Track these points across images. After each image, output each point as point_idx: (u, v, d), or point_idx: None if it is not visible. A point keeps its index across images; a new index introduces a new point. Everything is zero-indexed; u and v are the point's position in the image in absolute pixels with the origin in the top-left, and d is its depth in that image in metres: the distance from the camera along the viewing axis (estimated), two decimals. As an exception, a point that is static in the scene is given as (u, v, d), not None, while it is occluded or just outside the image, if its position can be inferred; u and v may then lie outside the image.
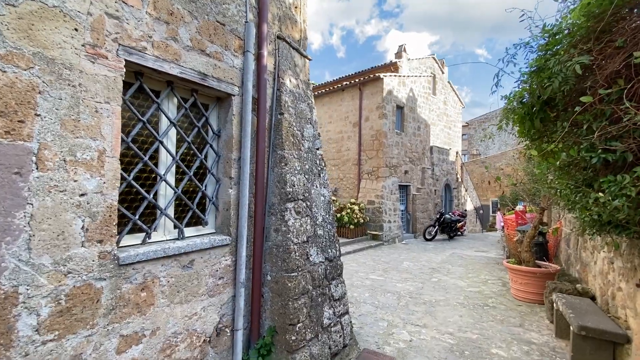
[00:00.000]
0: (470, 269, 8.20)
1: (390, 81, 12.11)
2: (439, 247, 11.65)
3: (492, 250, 11.32)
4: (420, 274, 7.46)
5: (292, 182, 3.08)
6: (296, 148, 3.27)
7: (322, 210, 3.51)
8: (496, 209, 23.54)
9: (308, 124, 3.54)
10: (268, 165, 3.12)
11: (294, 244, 2.96)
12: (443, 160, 15.77)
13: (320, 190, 3.55)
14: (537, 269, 5.51)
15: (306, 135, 3.47)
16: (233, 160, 2.80)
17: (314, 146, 3.60)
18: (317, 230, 3.34)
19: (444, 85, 17.25)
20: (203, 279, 2.54)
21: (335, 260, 3.56)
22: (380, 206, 11.37)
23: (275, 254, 2.99)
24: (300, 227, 3.09)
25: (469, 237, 15.58)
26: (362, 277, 6.93)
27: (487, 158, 24.76)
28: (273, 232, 3.04)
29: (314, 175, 3.49)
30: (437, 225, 12.86)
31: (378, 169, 11.76)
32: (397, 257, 9.30)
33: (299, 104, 3.45)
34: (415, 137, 13.72)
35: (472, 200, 19.13)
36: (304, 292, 2.99)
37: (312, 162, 3.49)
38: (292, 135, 3.24)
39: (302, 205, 3.19)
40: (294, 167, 3.17)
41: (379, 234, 11.10)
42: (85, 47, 1.85)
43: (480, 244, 12.95)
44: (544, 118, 2.74)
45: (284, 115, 3.18)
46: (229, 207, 2.80)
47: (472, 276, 7.41)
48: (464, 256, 9.93)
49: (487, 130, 30.82)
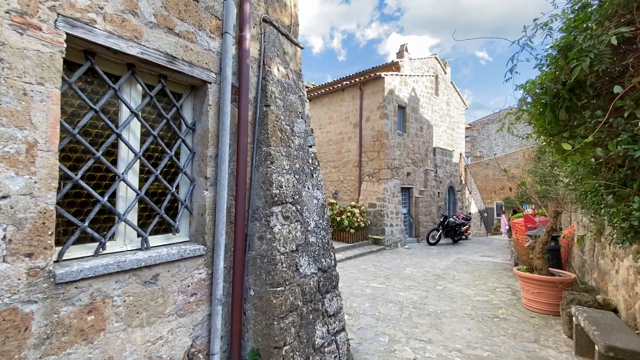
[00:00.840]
0: (476, 275, 7.77)
1: (392, 80, 11.75)
2: (443, 251, 11.22)
3: (499, 255, 10.87)
4: (424, 281, 7.05)
5: (279, 183, 2.71)
6: (284, 144, 2.90)
7: (315, 215, 3.13)
8: (501, 211, 23.04)
9: (299, 119, 3.17)
10: (252, 164, 2.75)
11: (280, 253, 2.58)
12: (446, 162, 15.36)
13: (313, 192, 3.17)
14: (551, 278, 5.09)
15: (297, 131, 3.10)
16: (209, 158, 2.43)
17: (305, 143, 3.22)
18: (308, 238, 2.96)
19: (446, 86, 16.88)
20: (170, 296, 2.16)
21: (329, 270, 3.17)
22: (382, 209, 10.97)
23: (259, 266, 2.61)
24: (288, 234, 2.71)
25: (473, 241, 15.12)
26: (362, 285, 6.53)
27: (492, 160, 24.31)
28: (257, 240, 2.66)
29: (306, 176, 3.11)
30: (440, 229, 12.44)
31: (379, 170, 11.38)
32: (399, 262, 8.89)
33: (289, 96, 3.08)
34: (417, 138, 13.33)
35: (476, 203, 18.68)
36: (292, 309, 2.61)
37: (303, 160, 3.12)
38: (280, 130, 2.87)
39: (291, 209, 2.82)
40: (282, 165, 2.80)
41: (381, 238, 10.69)
42: (10, 15, 1.49)
43: (486, 249, 12.50)
44: (570, 107, 2.35)
45: (271, 108, 2.81)
46: (204, 211, 2.42)
47: (479, 284, 6.98)
48: (470, 261, 9.49)
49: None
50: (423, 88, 14.02)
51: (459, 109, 17.93)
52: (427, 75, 14.26)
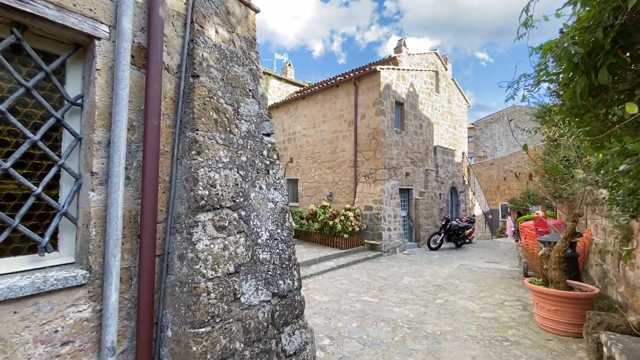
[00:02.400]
0: (482, 285, 6.98)
1: (388, 75, 11.02)
2: (445, 257, 10.42)
3: (506, 261, 10.05)
4: (423, 293, 6.27)
5: (209, 181, 1.98)
6: (222, 130, 2.17)
7: (270, 223, 2.39)
8: (506, 213, 22.17)
9: (248, 98, 2.45)
10: (173, 155, 2.02)
11: (206, 279, 1.85)
12: (448, 162, 14.57)
13: (268, 193, 2.44)
14: (571, 294, 4.31)
15: (244, 113, 2.38)
16: (96, 145, 1.71)
17: (259, 130, 2.50)
18: (257, 254, 2.23)
19: (447, 83, 16.13)
20: (19, 350, 1.43)
21: (290, 295, 2.43)
22: (379, 212, 10.20)
23: (178, 296, 1.87)
24: (222, 250, 1.98)
25: (478, 245, 14.29)
26: (352, 298, 5.76)
27: (496, 160, 23.47)
28: (177, 260, 1.93)
29: (258, 172, 2.38)
30: (442, 232, 11.64)
31: (376, 171, 10.62)
32: (396, 270, 8.11)
33: (232, 67, 2.36)
34: (417, 137, 12.57)
35: (480, 204, 17.85)
36: (225, 355, 1.87)
37: (254, 152, 2.39)
38: (215, 110, 2.15)
39: (230, 216, 2.08)
40: (216, 157, 2.07)
41: (378, 244, 9.92)
42: None
43: (491, 254, 11.67)
44: (614, 65, 1.62)
45: (200, 79, 2.09)
46: (88, 221, 1.70)
47: (485, 296, 6.19)
48: (474, 269, 8.69)
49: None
50: (422, 84, 13.28)
51: (461, 107, 17.15)
52: (427, 69, 13.52)
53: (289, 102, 14.24)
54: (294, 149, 13.97)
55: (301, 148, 13.58)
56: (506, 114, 29.21)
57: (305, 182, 13.34)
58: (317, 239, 10.04)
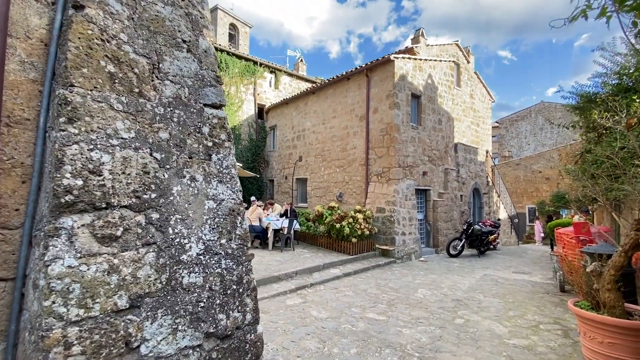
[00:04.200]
0: (510, 301, 5.98)
1: (404, 65, 10.11)
2: (466, 265, 9.38)
3: (536, 272, 8.91)
4: (440, 310, 5.36)
5: (85, 165, 1.26)
6: (124, 89, 1.46)
7: (207, 231, 1.66)
8: (534, 217, 20.56)
9: (180, 51, 1.72)
10: (39, 126, 1.32)
11: (65, 323, 1.13)
12: (470, 161, 13.42)
13: (208, 187, 1.71)
14: (634, 324, 3.33)
15: (170, 72, 1.66)
16: None
17: (197, 98, 1.77)
18: (179, 277, 1.49)
19: (469, 77, 14.96)
20: None
21: (239, 334, 1.68)
22: (392, 214, 9.30)
23: (26, 349, 1.16)
24: (104, 275, 1.26)
25: (503, 251, 13.06)
26: (355, 315, 4.95)
27: (523, 160, 21.89)
28: (32, 289, 1.22)
29: (190, 157, 1.66)
30: (464, 237, 10.58)
31: (389, 169, 9.73)
32: (410, 280, 7.20)
33: (152, 4, 1.64)
34: (435, 132, 11.56)
35: (505, 207, 16.49)
36: None
37: (184, 128, 1.66)
38: (112, 60, 1.43)
39: (129, 220, 1.36)
40: (108, 130, 1.36)
41: (390, 249, 9.02)
42: None
43: (519, 262, 10.50)
44: None
45: (86, 11, 1.38)
46: None
47: (515, 315, 5.22)
48: (500, 280, 7.65)
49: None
50: (442, 75, 12.25)
51: (484, 102, 15.91)
52: (446, 60, 12.47)
53: (298, 98, 13.56)
54: (303, 147, 13.27)
55: (310, 146, 12.85)
56: (534, 110, 27.39)
57: (314, 182, 12.60)
58: (324, 243, 9.26)
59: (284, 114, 14.58)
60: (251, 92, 15.30)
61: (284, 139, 14.45)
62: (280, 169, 14.58)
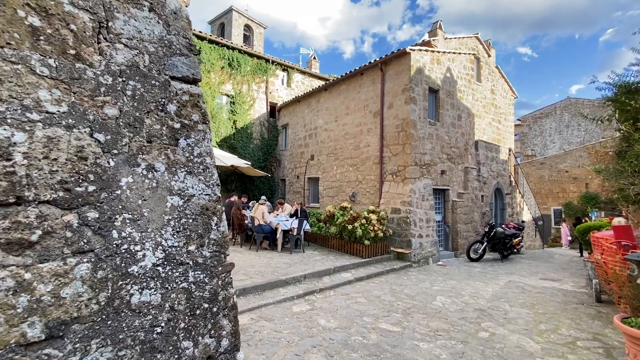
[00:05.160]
0: (540, 312, 5.41)
1: (420, 57, 9.59)
2: (488, 270, 8.77)
3: (567, 278, 8.20)
4: (461, 321, 4.87)
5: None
6: (54, 49, 1.12)
7: (170, 234, 1.30)
8: (560, 219, 19.44)
9: (138, 9, 1.38)
10: None
11: None
12: (492, 159, 12.70)
13: (172, 179, 1.36)
14: None
15: (124, 33, 1.32)
16: None
17: (161, 68, 1.42)
18: (126, 294, 1.14)
19: (490, 71, 14.20)
20: None
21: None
22: (408, 215, 8.80)
23: None
24: (7, 296, 0.91)
25: (527, 255, 12.28)
26: (367, 325, 4.53)
27: (548, 159, 20.77)
28: None
29: (149, 140, 1.31)
30: (485, 240, 9.95)
31: (405, 168, 9.23)
32: (428, 287, 6.71)
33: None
34: (454, 129, 10.95)
35: (529, 208, 15.60)
36: None
37: (141, 104, 1.32)
38: (38, 10, 1.10)
39: (53, 221, 1.02)
40: (26, 100, 1.02)
41: (406, 252, 8.52)
42: None
43: (546, 267, 9.77)
44: None
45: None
46: None
47: (547, 329, 4.67)
48: (527, 287, 7.04)
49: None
50: (461, 69, 11.62)
51: (506, 98, 15.09)
52: (466, 52, 11.82)
53: (310, 96, 13.22)
54: (315, 145, 12.91)
55: (322, 144, 12.48)
56: (559, 107, 26.05)
57: (326, 181, 12.22)
58: (336, 245, 8.86)
59: (295, 112, 14.28)
60: (263, 90, 15.07)
61: (296, 137, 14.14)
62: (292, 168, 14.27)
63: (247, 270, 6.31)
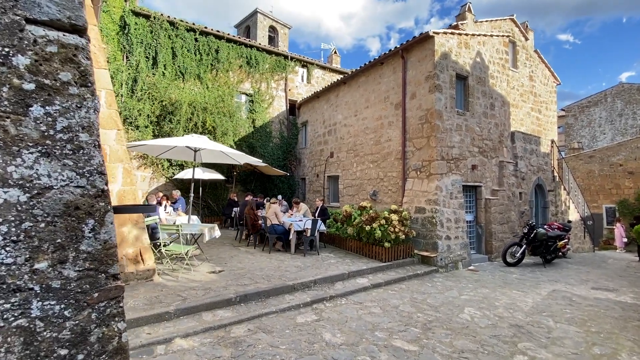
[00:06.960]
0: (592, 330, 4.51)
1: (446, 41, 8.72)
2: (528, 277, 7.76)
3: (625, 288, 7.03)
4: (493, 339, 4.12)
5: None
6: None
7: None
8: (613, 219, 17.37)
9: None
10: None
11: None
12: (531, 152, 11.45)
13: (7, 165, 0.90)
14: None
15: None
16: None
17: (10, 6, 0.97)
18: None
19: (529, 56, 12.85)
20: None
21: None
22: (434, 215, 8.00)
23: None
24: None
25: (574, 259, 10.93)
26: (378, 342, 3.93)
27: (597, 151, 18.69)
28: None
29: None
30: (524, 243, 8.88)
31: (430, 163, 8.42)
32: (455, 296, 5.94)
33: None
34: (487, 119, 9.93)
35: (577, 207, 13.99)
36: None
37: None
38: None
39: None
40: None
41: (432, 256, 7.73)
42: None
43: (599, 274, 8.52)
44: None
45: None
46: None
47: (603, 353, 3.81)
48: (575, 299, 6.04)
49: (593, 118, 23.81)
50: (494, 53, 10.54)
51: (547, 86, 13.63)
52: (498, 35, 10.71)
53: (329, 90, 12.69)
54: (334, 142, 12.36)
55: (341, 140, 11.90)
56: (610, 94, 23.46)
57: (346, 179, 11.63)
58: (354, 247, 8.26)
59: (314, 108, 13.81)
60: (282, 88, 14.77)
61: (315, 134, 13.67)
62: (312, 166, 13.82)
63: (253, 274, 5.92)
